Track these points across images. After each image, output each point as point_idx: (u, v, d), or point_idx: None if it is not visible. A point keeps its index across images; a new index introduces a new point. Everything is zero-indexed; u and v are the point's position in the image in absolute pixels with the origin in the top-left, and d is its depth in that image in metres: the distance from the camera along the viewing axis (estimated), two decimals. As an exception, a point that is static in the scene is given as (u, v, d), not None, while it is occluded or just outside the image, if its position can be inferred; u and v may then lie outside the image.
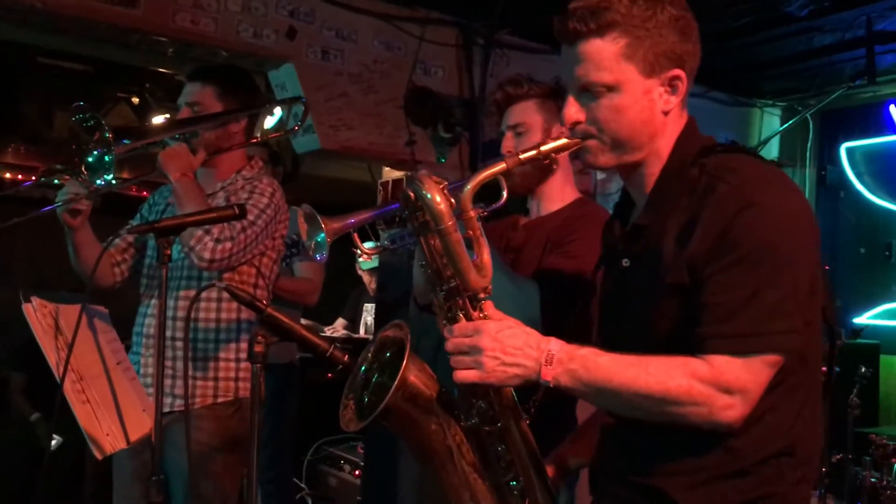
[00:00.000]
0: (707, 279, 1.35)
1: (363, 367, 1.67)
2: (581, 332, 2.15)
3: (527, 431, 1.60)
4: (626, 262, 1.54)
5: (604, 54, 1.42)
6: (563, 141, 1.52)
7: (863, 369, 3.72)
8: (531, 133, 2.31)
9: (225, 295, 2.47)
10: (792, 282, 1.34)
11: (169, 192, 2.62)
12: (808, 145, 5.43)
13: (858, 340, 4.28)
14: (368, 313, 6.12)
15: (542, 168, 2.29)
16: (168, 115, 5.05)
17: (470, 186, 1.47)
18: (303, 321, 6.32)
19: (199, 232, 2.32)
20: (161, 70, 4.90)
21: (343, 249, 2.72)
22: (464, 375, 1.43)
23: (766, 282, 1.32)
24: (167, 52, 3.85)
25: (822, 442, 1.49)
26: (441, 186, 1.49)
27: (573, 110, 1.48)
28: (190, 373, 2.49)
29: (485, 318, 1.50)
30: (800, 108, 5.38)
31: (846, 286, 5.21)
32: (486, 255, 1.53)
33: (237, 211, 2.08)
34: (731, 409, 1.33)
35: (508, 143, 2.33)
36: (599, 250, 2.20)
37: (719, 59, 4.79)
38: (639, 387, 1.35)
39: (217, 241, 2.36)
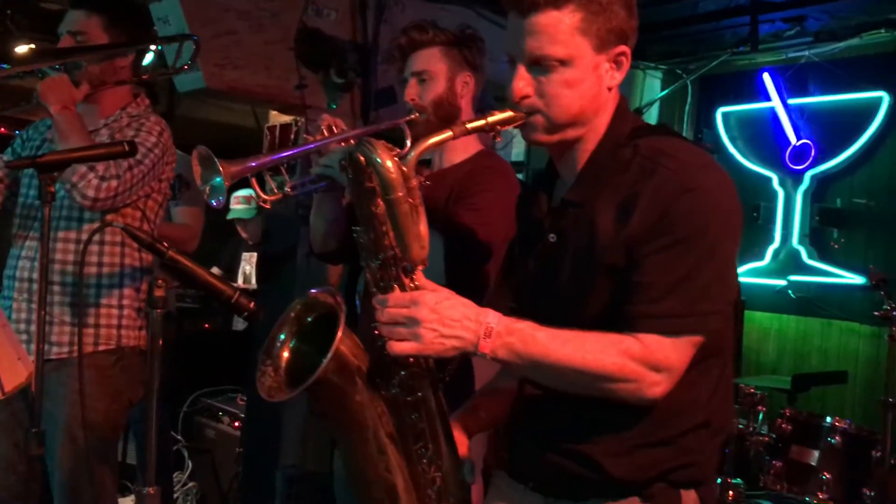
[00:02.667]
0: (642, 259, 1.39)
1: (281, 334, 1.59)
2: (482, 284, 2.18)
3: (441, 401, 1.59)
4: (552, 238, 1.53)
5: (560, 27, 1.40)
6: (509, 114, 1.48)
7: (731, 324, 3.93)
8: (436, 81, 2.28)
9: (108, 237, 2.36)
10: (721, 265, 1.40)
11: (45, 127, 2.47)
12: (687, 109, 5.63)
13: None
14: (247, 262, 5.96)
15: (446, 119, 2.26)
16: (34, 46, 4.68)
17: (414, 154, 1.42)
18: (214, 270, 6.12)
19: (83, 168, 2.19)
20: (26, -4, 4.53)
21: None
22: (400, 347, 1.39)
23: (698, 265, 1.37)
24: (34, -24, 3.55)
25: (732, 412, 1.58)
26: (393, 153, 1.43)
27: (522, 84, 1.45)
28: (68, 319, 2.37)
29: (416, 288, 1.46)
30: (680, 73, 5.56)
31: (716, 246, 5.47)
32: (424, 226, 1.48)
33: (127, 147, 1.95)
34: (658, 386, 1.38)
35: (412, 90, 2.29)
36: (503, 203, 2.22)
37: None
38: (575, 363, 1.38)
39: (102, 178, 2.23)
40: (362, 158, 1.44)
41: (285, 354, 1.58)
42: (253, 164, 1.99)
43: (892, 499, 3.09)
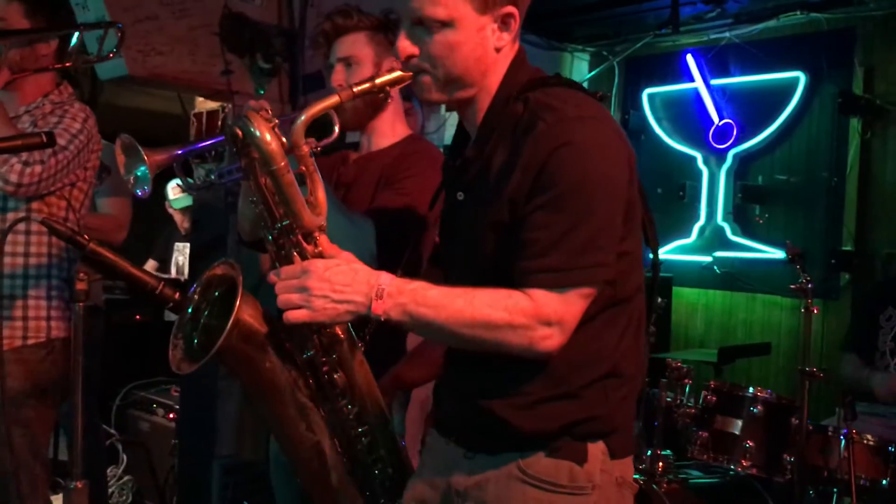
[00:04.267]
0: (526, 216, 1.42)
1: (190, 307, 1.62)
2: (414, 268, 2.19)
3: (362, 360, 1.64)
4: (460, 196, 1.57)
5: None
6: (397, 74, 1.51)
7: (659, 300, 4.03)
8: (362, 66, 2.27)
9: (34, 227, 2.32)
10: (604, 217, 1.41)
11: None
12: (614, 90, 5.71)
13: (655, 274, 4.60)
14: (180, 252, 5.87)
15: (374, 103, 2.27)
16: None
17: (302, 120, 1.44)
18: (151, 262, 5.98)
19: (4, 154, 2.14)
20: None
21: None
22: (294, 315, 1.42)
23: (579, 218, 1.39)
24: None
25: (645, 361, 1.61)
26: (272, 125, 1.45)
27: (407, 44, 1.48)
28: None
29: (319, 253, 1.49)
30: (607, 55, 5.65)
31: (644, 224, 5.59)
32: (321, 192, 1.51)
33: (45, 139, 1.91)
34: (550, 339, 1.41)
35: (339, 75, 2.28)
36: (432, 186, 2.24)
37: (534, 2, 4.89)
38: (464, 319, 1.40)
39: (26, 163, 2.20)
40: (240, 132, 1.45)
41: (194, 329, 1.62)
42: (178, 153, 1.96)
43: (810, 463, 3.22)
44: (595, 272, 1.41)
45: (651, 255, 1.70)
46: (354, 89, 1.50)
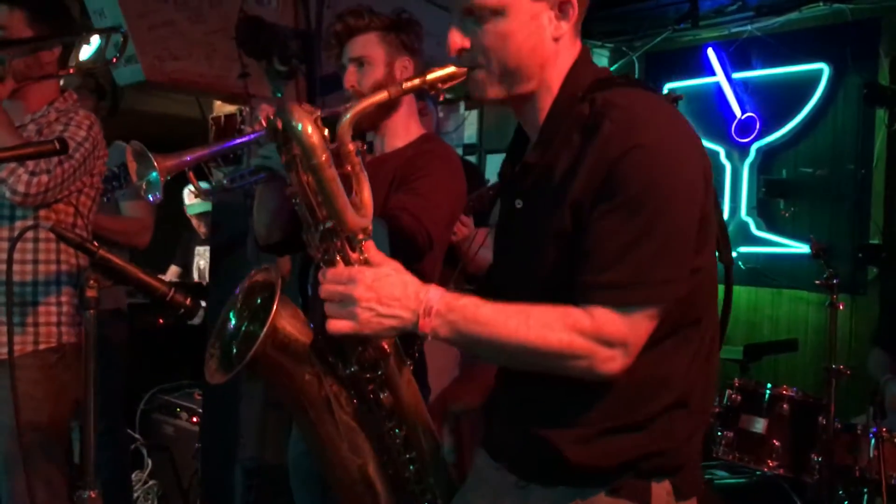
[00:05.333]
0: (589, 225, 1.29)
1: (231, 315, 1.54)
2: (430, 270, 2.17)
3: (410, 378, 1.54)
4: (518, 204, 1.45)
5: None
6: (451, 69, 1.40)
7: (683, 298, 3.98)
8: (374, 66, 2.26)
9: (42, 234, 2.32)
10: (676, 227, 1.28)
11: None
12: (634, 86, 5.66)
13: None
14: (201, 257, 5.89)
15: (387, 103, 2.24)
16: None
17: (349, 117, 1.34)
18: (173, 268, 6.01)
19: (12, 163, 2.15)
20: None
21: (174, 190, 2.59)
22: (337, 326, 1.32)
23: (648, 227, 1.26)
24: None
25: (714, 390, 1.49)
26: (314, 116, 1.35)
27: (458, 37, 1.38)
28: (5, 318, 2.32)
29: (365, 261, 1.38)
30: (626, 50, 5.60)
31: (667, 220, 5.54)
32: (367, 193, 1.42)
33: (58, 146, 1.91)
34: (613, 362, 1.29)
35: (351, 76, 2.27)
36: (446, 187, 2.22)
37: None
38: (519, 339, 1.29)
39: (32, 173, 2.20)
40: (280, 124, 1.37)
41: (233, 336, 1.54)
42: (188, 159, 1.96)
43: (839, 463, 3.16)
44: (664, 289, 1.28)
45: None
46: (404, 85, 1.40)
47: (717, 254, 1.44)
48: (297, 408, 1.53)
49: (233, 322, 1.54)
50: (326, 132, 1.35)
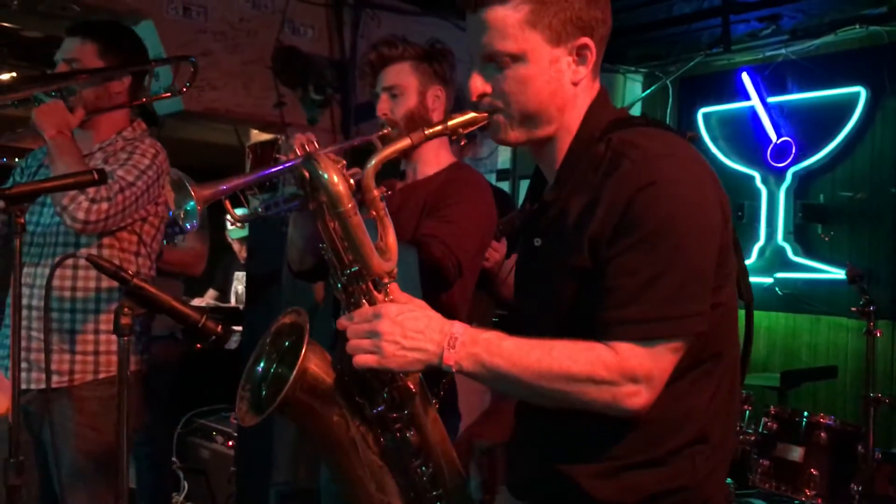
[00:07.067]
0: (609, 261, 1.31)
1: (261, 358, 1.57)
2: (460, 297, 2.19)
3: (436, 417, 1.55)
4: (537, 242, 1.48)
5: (508, 21, 1.36)
6: (471, 115, 1.43)
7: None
8: (406, 95, 2.29)
9: (82, 262, 2.33)
10: (696, 262, 1.29)
11: (43, 154, 2.45)
12: (668, 111, 5.65)
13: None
14: (239, 282, 5.96)
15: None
16: (15, 74, 4.70)
17: (373, 164, 1.38)
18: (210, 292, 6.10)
19: (73, 191, 2.17)
20: (6, 25, 4.54)
21: (216, 214, 2.63)
22: (363, 360, 1.35)
23: (668, 263, 1.27)
24: (12, 5, 3.57)
25: (735, 425, 1.49)
26: (339, 166, 1.41)
27: (479, 82, 1.41)
28: (66, 346, 2.35)
29: (390, 301, 1.41)
30: (660, 75, 5.59)
31: (703, 246, 5.49)
32: (391, 237, 1.44)
33: (96, 176, 1.95)
34: (637, 397, 1.29)
35: (384, 105, 2.30)
36: (476, 214, 2.23)
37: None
38: (542, 372, 1.30)
39: (92, 201, 2.22)
40: (307, 174, 1.42)
41: (262, 378, 1.56)
42: (224, 188, 2.00)
43: (879, 493, 3.09)
44: (686, 323, 1.28)
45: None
46: (426, 131, 1.43)
47: (739, 292, 1.45)
48: (325, 448, 1.56)
49: (262, 364, 1.57)
50: (352, 181, 1.38)
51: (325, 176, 1.36)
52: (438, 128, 1.43)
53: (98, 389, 2.38)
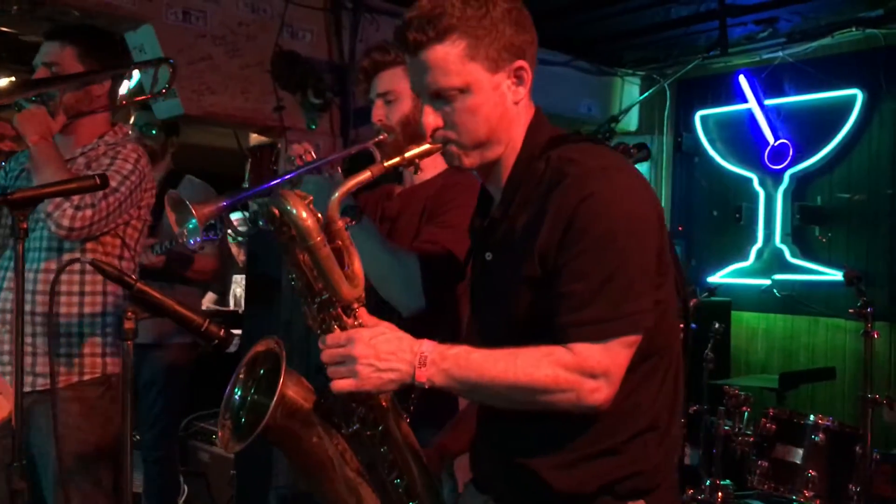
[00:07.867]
0: (559, 269, 1.40)
1: (237, 389, 1.64)
2: (458, 303, 2.20)
3: (407, 431, 1.62)
4: (489, 256, 1.58)
5: (448, 59, 1.45)
6: (426, 146, 1.53)
7: (716, 325, 3.95)
8: (401, 101, 2.29)
9: (89, 266, 2.35)
10: (639, 264, 1.40)
11: (25, 157, 2.45)
12: (666, 113, 5.67)
13: (712, 298, 4.53)
14: (238, 285, 5.98)
15: (414, 139, 2.28)
16: (14, 79, 4.71)
17: (336, 196, 1.47)
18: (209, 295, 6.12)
19: (58, 198, 2.19)
20: (4, 30, 4.55)
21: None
22: (341, 385, 1.42)
23: (614, 267, 1.37)
24: (11, 10, 3.58)
25: (681, 412, 1.58)
26: (306, 202, 1.47)
27: (431, 118, 1.50)
28: (50, 349, 2.36)
29: (359, 325, 1.49)
30: (657, 78, 5.61)
31: (700, 247, 5.52)
32: (357, 265, 1.53)
33: (98, 181, 1.97)
34: (598, 393, 1.38)
35: (379, 111, 2.31)
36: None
37: (584, 28, 4.91)
38: (509, 380, 1.39)
39: (77, 207, 2.24)
40: (276, 211, 1.48)
41: (240, 407, 1.63)
42: (224, 204, 2.00)
43: (878, 494, 3.11)
44: (637, 319, 1.39)
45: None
46: (385, 164, 1.53)
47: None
48: (305, 469, 1.62)
49: (238, 393, 1.64)
50: (319, 215, 1.46)
51: (294, 212, 1.44)
52: (396, 159, 1.53)
53: (83, 390, 2.40)
